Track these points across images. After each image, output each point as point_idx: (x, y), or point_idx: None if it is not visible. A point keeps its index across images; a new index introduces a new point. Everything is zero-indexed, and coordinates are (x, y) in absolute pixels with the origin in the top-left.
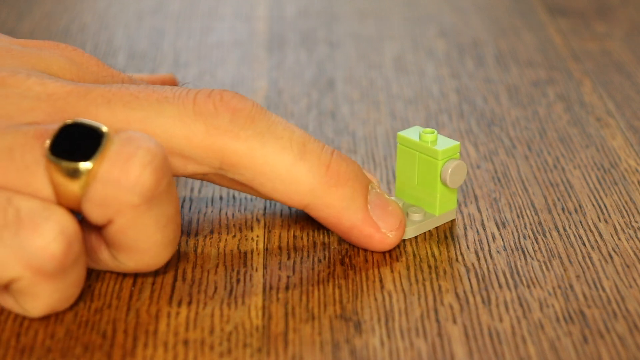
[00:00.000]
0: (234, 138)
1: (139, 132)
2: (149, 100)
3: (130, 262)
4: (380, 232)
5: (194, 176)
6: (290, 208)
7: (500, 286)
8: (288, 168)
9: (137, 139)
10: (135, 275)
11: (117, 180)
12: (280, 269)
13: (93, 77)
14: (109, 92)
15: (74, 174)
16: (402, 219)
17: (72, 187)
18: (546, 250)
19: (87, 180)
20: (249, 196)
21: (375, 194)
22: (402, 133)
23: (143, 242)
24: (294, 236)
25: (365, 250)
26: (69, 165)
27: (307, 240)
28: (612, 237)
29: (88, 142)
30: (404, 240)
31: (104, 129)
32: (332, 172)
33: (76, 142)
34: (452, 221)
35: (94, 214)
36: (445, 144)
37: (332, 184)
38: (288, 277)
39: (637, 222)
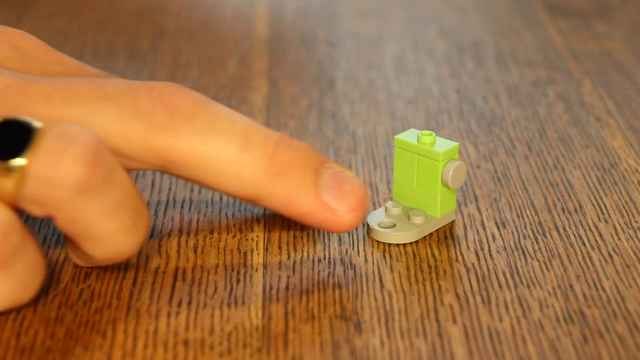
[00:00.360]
0: (173, 136)
1: (75, 124)
2: (89, 97)
3: (97, 251)
4: (334, 215)
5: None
6: None
7: (500, 286)
8: (230, 163)
9: (69, 133)
10: (135, 275)
11: (48, 177)
12: (280, 269)
13: (39, 66)
14: (50, 87)
15: (7, 171)
16: (360, 197)
17: (7, 185)
18: (546, 250)
19: (21, 178)
20: None
21: (329, 176)
22: (399, 136)
23: (95, 232)
24: (294, 236)
25: (365, 250)
26: (0, 163)
27: (307, 240)
28: (612, 237)
29: (20, 139)
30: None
31: (36, 124)
32: (276, 161)
33: (8, 140)
34: (452, 221)
35: (33, 210)
36: (445, 146)
37: (278, 174)
38: (288, 277)
39: (637, 222)
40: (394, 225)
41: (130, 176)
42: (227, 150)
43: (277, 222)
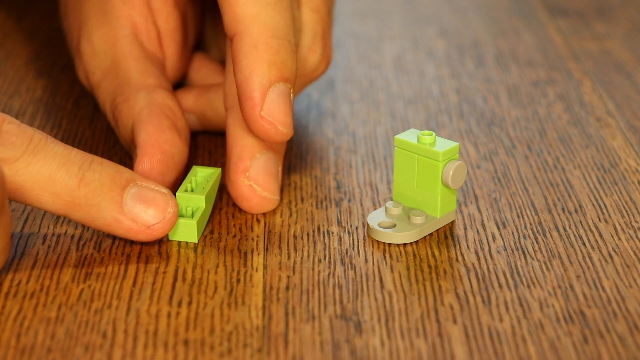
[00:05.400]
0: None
1: None
2: None
3: None
4: (137, 225)
5: None
6: (290, 208)
7: (500, 286)
8: (47, 181)
9: None
10: (135, 275)
11: None
12: (280, 269)
13: None
14: None
15: None
16: (163, 208)
17: None
18: (546, 250)
19: None
20: None
21: (135, 191)
22: (399, 136)
23: None
24: (294, 236)
25: (365, 250)
26: None
27: (307, 240)
28: (612, 237)
29: None
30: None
31: None
32: (84, 180)
33: None
34: (452, 221)
35: None
36: (445, 145)
37: (84, 191)
38: (288, 277)
39: (637, 222)
40: (394, 225)
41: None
42: (44, 169)
43: (277, 222)
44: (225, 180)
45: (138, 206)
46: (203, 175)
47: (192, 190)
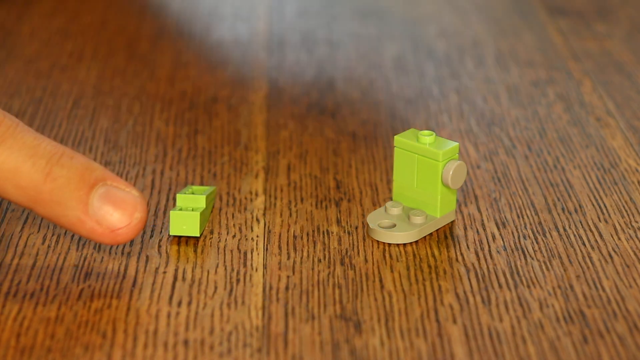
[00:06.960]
0: None
1: None
2: None
3: None
4: (102, 227)
5: None
6: (290, 208)
7: (500, 286)
8: (11, 172)
9: None
10: (135, 275)
11: None
12: (280, 269)
13: None
14: None
15: None
16: (130, 213)
17: None
18: (546, 250)
19: None
20: (249, 196)
21: (103, 192)
22: (399, 136)
23: None
24: (294, 236)
25: (365, 250)
26: None
27: (307, 240)
28: (612, 237)
29: None
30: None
31: None
32: (50, 175)
33: None
34: (452, 221)
35: None
36: (445, 145)
37: (49, 187)
38: (288, 277)
39: (637, 222)
40: (394, 225)
41: None
42: (10, 159)
43: (277, 222)
44: None
45: (104, 207)
46: (200, 190)
47: (192, 194)
